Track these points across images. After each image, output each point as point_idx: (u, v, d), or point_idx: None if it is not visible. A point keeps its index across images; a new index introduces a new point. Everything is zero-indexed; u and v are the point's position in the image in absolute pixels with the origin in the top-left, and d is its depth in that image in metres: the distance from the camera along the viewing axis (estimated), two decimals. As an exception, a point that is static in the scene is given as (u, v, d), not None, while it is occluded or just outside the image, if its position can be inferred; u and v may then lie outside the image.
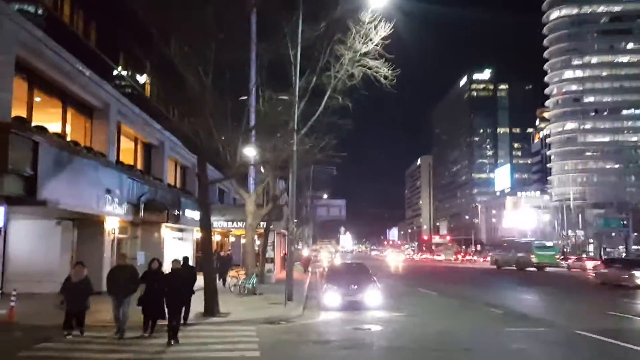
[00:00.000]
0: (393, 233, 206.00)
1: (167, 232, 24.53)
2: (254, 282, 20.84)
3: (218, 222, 27.45)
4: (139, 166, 23.86)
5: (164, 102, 22.31)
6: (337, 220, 59.22)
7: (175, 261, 11.79)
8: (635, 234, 77.80)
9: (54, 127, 17.39)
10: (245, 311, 15.78)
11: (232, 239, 35.66)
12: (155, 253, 19.92)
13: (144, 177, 22.88)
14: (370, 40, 19.51)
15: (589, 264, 48.77)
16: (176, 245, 26.05)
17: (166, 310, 11.18)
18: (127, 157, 22.56)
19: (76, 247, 18.90)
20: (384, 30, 19.26)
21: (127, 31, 19.09)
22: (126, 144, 23.02)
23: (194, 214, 24.51)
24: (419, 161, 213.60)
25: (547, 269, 46.60)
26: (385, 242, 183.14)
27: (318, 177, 38.25)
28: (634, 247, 74.85)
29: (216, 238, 31.08)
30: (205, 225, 16.28)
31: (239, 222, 27.91)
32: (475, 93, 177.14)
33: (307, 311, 16.39)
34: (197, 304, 13.56)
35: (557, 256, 53.90)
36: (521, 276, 38.68)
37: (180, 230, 26.99)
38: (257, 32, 20.03)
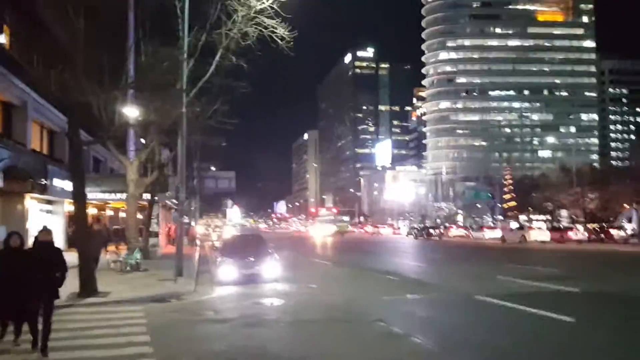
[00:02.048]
0: (280, 206, 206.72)
1: (32, 204, 21.48)
2: (138, 257, 18.96)
3: (93, 194, 24.73)
4: (-4, 128, 20.47)
5: (26, 53, 19.17)
6: (225, 193, 57.44)
7: (43, 231, 8.45)
8: (499, 205, 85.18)
9: None
10: (128, 289, 14.06)
11: (109, 212, 32.70)
12: (19, 228, 17.28)
13: (3, 141, 19.64)
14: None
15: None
16: (44, 219, 22.99)
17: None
18: (-21, 118, 19.18)
19: None
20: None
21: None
22: (-21, 103, 19.56)
23: (64, 184, 21.68)
24: (306, 135, 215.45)
25: (345, 235, 71.96)
26: (273, 215, 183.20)
27: (207, 147, 36.31)
28: (499, 217, 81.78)
29: (92, 211, 28.15)
30: (78, 195, 14.16)
31: (117, 194, 25.41)
32: (359, 70, 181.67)
33: (200, 287, 15.03)
34: (69, 282, 11.46)
35: (349, 226, 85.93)
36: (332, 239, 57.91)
37: (49, 202, 23.89)
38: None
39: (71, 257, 12.48)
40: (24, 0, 13.71)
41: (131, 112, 17.10)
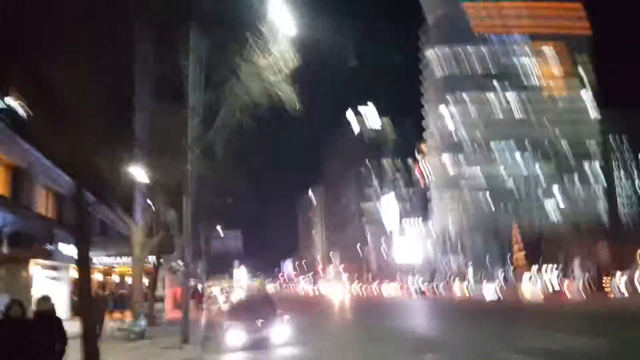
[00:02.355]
0: (287, 266, 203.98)
1: (37, 271, 20.96)
2: (143, 324, 18.22)
3: (99, 258, 24.22)
4: (3, 192, 20.29)
5: (32, 113, 19.22)
6: (232, 253, 56.65)
7: (42, 300, 7.78)
8: (508, 257, 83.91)
9: None
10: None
11: (115, 277, 31.99)
12: (23, 295, 16.75)
13: (9, 205, 19.39)
14: (272, 54, 18.44)
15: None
16: (49, 286, 22.37)
17: None
18: (-15, 182, 19.02)
19: None
20: (285, 43, 18.33)
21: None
22: (-15, 167, 19.45)
23: (70, 249, 21.22)
24: (310, 191, 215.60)
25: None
26: (280, 275, 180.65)
27: (213, 207, 35.96)
28: (509, 269, 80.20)
29: (97, 277, 27.53)
30: (83, 260, 13.64)
31: (123, 257, 24.88)
32: (361, 125, 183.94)
33: (207, 354, 14.27)
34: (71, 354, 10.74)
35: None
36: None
37: (54, 268, 23.33)
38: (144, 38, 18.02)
39: (74, 327, 11.93)
40: (29, 59, 13.70)
41: (137, 171, 16.90)
